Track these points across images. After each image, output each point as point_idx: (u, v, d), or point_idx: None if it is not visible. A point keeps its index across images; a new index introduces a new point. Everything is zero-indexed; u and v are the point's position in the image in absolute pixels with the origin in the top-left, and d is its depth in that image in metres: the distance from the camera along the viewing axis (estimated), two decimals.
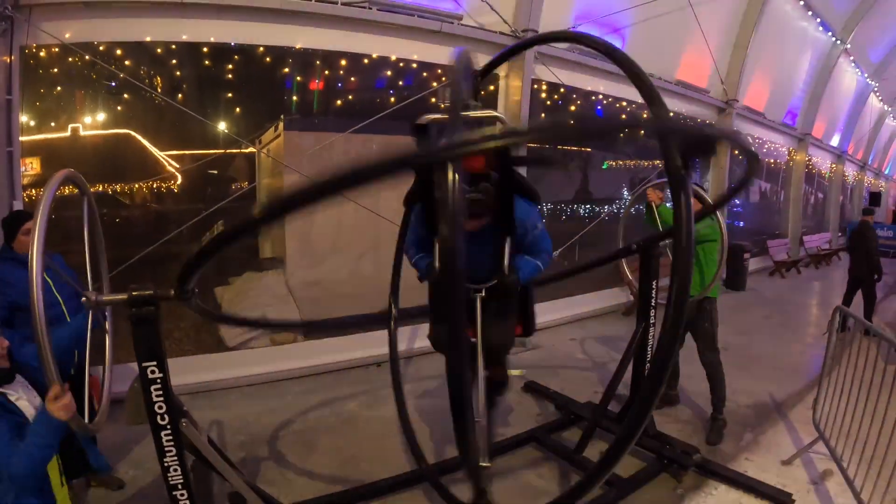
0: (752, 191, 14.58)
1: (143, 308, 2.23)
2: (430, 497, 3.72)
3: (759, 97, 12.05)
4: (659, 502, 3.65)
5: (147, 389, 2.24)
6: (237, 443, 4.45)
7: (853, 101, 17.37)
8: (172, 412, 2.28)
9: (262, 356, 5.86)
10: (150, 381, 2.24)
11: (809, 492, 3.74)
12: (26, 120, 5.06)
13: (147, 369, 2.23)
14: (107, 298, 2.30)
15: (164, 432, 2.28)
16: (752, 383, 5.65)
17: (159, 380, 2.24)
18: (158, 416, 2.26)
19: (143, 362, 2.22)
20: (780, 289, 11.33)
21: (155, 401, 2.25)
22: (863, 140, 20.26)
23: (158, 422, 2.26)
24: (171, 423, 2.28)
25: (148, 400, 2.24)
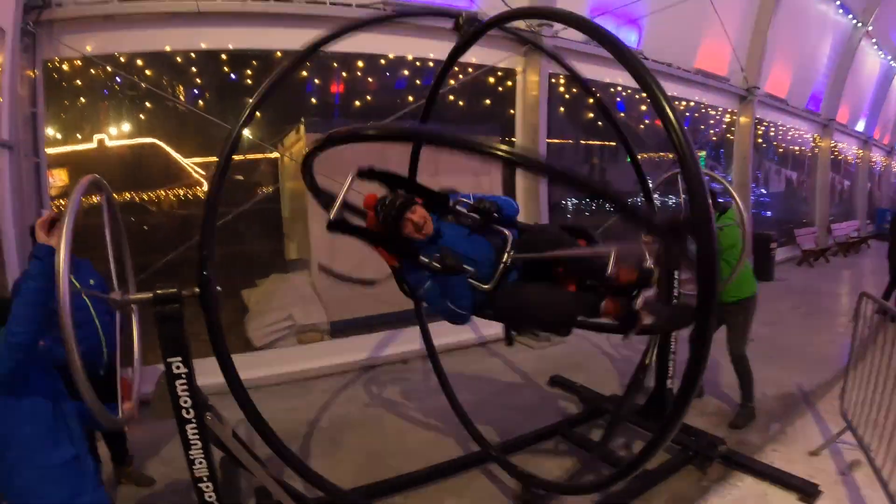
0: (778, 179, 14.29)
1: (167, 306, 2.29)
2: (453, 490, 3.77)
3: (781, 84, 11.79)
4: (684, 494, 3.61)
5: (172, 384, 2.30)
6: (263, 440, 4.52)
7: (877, 84, 16.91)
8: (197, 406, 2.34)
9: (289, 355, 5.95)
10: (175, 377, 2.30)
11: (837, 483, 3.65)
12: (53, 133, 5.21)
13: (172, 365, 2.29)
14: (133, 297, 2.37)
15: (190, 426, 2.34)
16: (780, 374, 5.54)
17: (184, 375, 2.30)
18: (184, 409, 2.32)
19: (169, 358, 2.28)
20: (808, 278, 11.07)
21: (180, 395, 2.31)
22: (889, 124, 19.70)
23: (184, 415, 2.32)
24: (197, 416, 2.34)
25: (173, 394, 2.30)
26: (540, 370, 5.96)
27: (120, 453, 3.90)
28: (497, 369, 6.17)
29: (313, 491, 3.35)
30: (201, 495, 2.42)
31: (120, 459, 3.91)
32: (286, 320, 6.10)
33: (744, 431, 4.45)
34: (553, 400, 5.25)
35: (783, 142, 13.61)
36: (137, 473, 3.96)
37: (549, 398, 5.29)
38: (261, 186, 6.44)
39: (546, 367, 5.97)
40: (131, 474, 3.93)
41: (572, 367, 5.97)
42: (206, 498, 2.43)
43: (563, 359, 6.32)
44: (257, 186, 6.45)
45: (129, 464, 3.95)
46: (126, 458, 3.93)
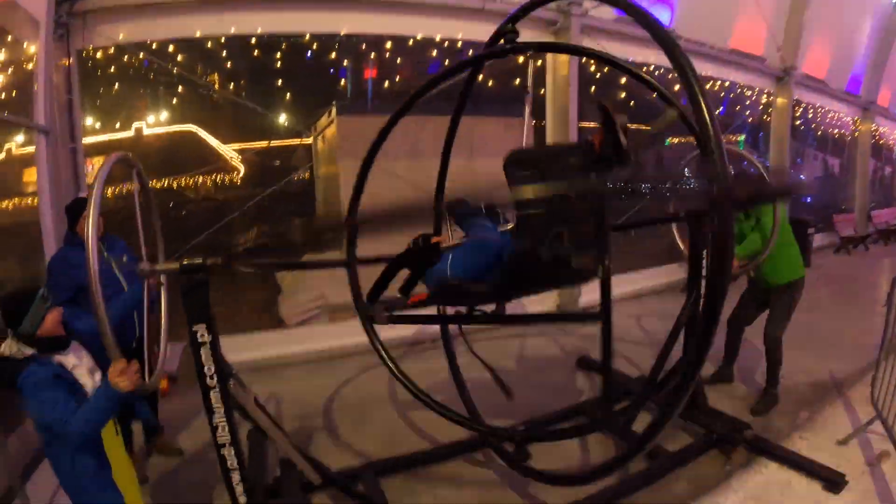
0: (816, 164, 13.81)
1: (193, 275, 2.36)
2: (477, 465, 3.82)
3: (819, 64, 11.33)
4: (706, 478, 3.56)
5: (196, 352, 2.36)
6: (292, 415, 4.65)
7: None
8: (221, 373, 2.40)
9: (320, 333, 6.08)
10: (200, 344, 2.37)
11: (864, 473, 3.53)
12: (91, 122, 5.35)
13: (197, 333, 2.36)
14: (160, 267, 2.45)
15: (213, 392, 2.41)
16: (812, 361, 5.40)
17: (208, 342, 2.37)
18: (207, 377, 2.39)
19: (194, 326, 2.35)
20: (846, 266, 10.71)
21: (204, 363, 2.37)
22: None
23: (207, 383, 2.39)
24: (220, 383, 2.40)
25: (197, 362, 2.37)
26: (568, 350, 5.93)
27: (151, 424, 4.04)
28: (522, 350, 6.15)
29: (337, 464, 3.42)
30: (224, 462, 2.49)
31: (151, 431, 4.05)
32: (318, 299, 6.21)
33: (771, 418, 4.36)
34: (579, 381, 5.22)
35: (822, 125, 13.11)
36: (167, 445, 4.10)
37: (575, 380, 5.26)
38: (297, 170, 6.56)
39: (574, 349, 5.94)
40: (161, 446, 4.07)
41: None
42: (229, 464, 2.50)
43: (591, 340, 6.27)
44: (294, 170, 6.56)
45: (159, 435, 4.10)
46: (156, 429, 4.08)
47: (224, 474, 2.53)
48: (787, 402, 4.57)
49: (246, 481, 2.55)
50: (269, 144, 6.10)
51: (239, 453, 2.52)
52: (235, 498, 2.56)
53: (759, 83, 10.05)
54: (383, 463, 3.69)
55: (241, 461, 2.54)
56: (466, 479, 3.69)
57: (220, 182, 6.20)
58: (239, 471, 2.54)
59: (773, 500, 3.31)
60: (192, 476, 3.77)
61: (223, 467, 2.52)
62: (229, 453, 2.49)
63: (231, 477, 2.53)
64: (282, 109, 6.05)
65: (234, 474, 2.52)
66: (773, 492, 3.39)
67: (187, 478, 3.77)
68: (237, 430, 2.53)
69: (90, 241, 1.93)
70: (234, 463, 2.52)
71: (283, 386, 5.14)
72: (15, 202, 5.44)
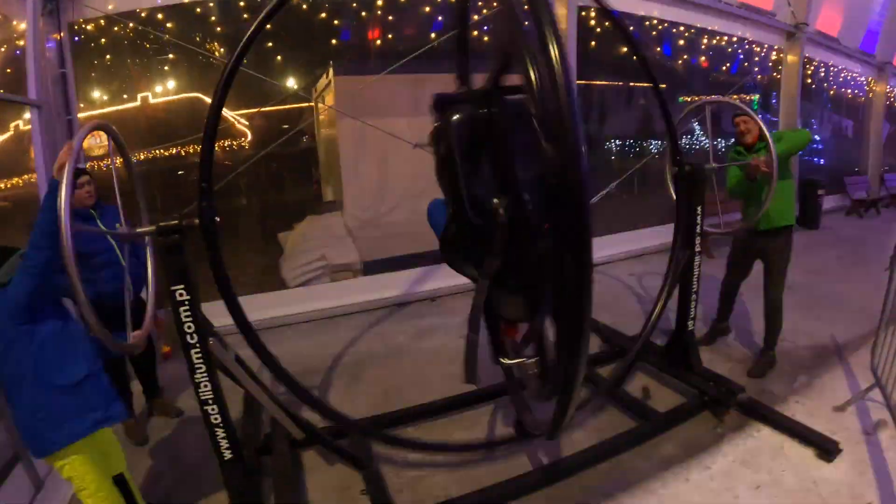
0: (829, 124, 13.42)
1: (169, 237, 2.37)
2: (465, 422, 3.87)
3: (832, 21, 10.86)
4: (696, 441, 3.55)
5: (176, 311, 2.39)
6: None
7: None
8: (201, 332, 2.43)
9: (319, 293, 6.17)
10: (179, 303, 2.39)
11: (859, 442, 3.47)
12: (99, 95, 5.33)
13: (176, 292, 2.38)
14: (137, 231, 2.46)
15: (194, 350, 2.45)
16: (815, 324, 5.32)
17: (187, 301, 2.39)
18: (188, 335, 2.43)
19: (172, 286, 2.37)
20: (856, 228, 10.47)
21: (184, 321, 2.41)
22: None
23: (188, 341, 2.43)
24: (200, 341, 2.44)
25: (177, 320, 2.41)
26: None
27: (151, 387, 4.14)
28: None
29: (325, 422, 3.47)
30: (207, 417, 2.54)
31: (151, 392, 4.15)
32: (319, 260, 6.27)
33: (768, 381, 4.31)
34: None
35: (834, 85, 12.69)
36: (167, 405, 4.19)
37: None
38: (305, 134, 6.55)
39: None
40: (162, 406, 4.17)
41: (600, 306, 5.83)
42: (213, 420, 2.56)
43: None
44: (302, 134, 6.55)
45: (159, 396, 4.19)
46: (156, 391, 4.17)
47: (209, 430, 2.60)
48: (786, 366, 4.52)
49: (231, 437, 2.60)
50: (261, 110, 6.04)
51: (223, 410, 2.57)
52: (221, 453, 2.62)
53: (769, 39, 9.67)
54: (371, 419, 3.76)
55: (225, 417, 2.59)
56: (455, 436, 3.73)
57: (227, 147, 6.18)
58: (223, 427, 2.59)
59: (762, 465, 3.29)
60: (190, 435, 3.85)
61: (207, 423, 2.58)
62: (213, 410, 2.54)
63: (215, 432, 2.59)
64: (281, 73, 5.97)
65: (217, 430, 2.59)
66: (763, 457, 3.37)
67: (186, 437, 3.86)
68: (220, 386, 2.57)
69: (62, 212, 1.92)
70: (217, 419, 2.57)
71: (280, 347, 5.17)
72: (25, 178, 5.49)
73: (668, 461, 3.35)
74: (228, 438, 2.62)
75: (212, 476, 3.26)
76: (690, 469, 3.27)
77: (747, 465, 3.30)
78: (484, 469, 3.33)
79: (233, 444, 2.64)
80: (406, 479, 3.29)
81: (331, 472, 3.35)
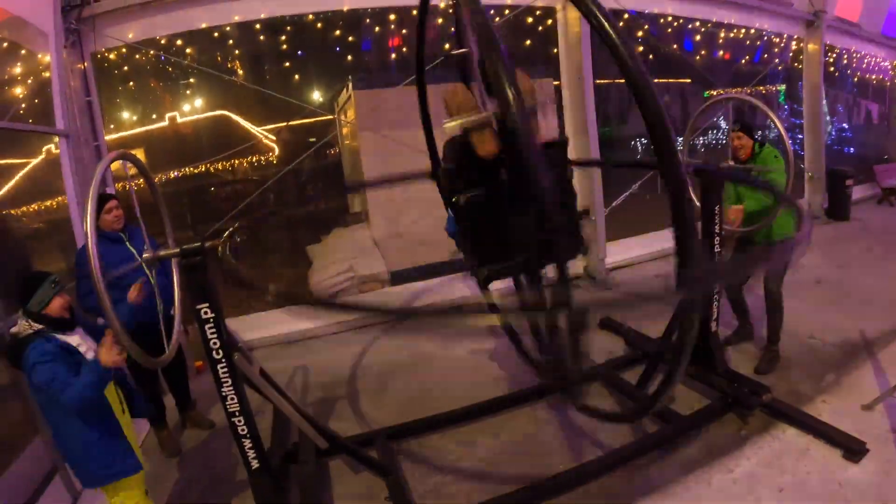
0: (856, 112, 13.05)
1: (192, 258, 2.47)
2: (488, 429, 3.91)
3: (852, 6, 10.54)
4: (720, 444, 3.52)
5: (202, 328, 2.49)
6: (318, 384, 4.88)
7: None
8: (226, 347, 2.53)
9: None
10: (204, 321, 2.49)
11: (887, 442, 3.37)
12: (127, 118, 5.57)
13: (200, 310, 2.48)
14: (162, 253, 2.58)
15: (220, 365, 2.54)
16: (843, 319, 5.17)
17: (212, 319, 2.49)
18: (214, 351, 2.52)
19: (197, 304, 2.48)
20: (887, 218, 10.09)
21: (210, 338, 2.51)
22: None
23: (214, 356, 2.53)
24: (226, 357, 2.54)
25: (203, 337, 2.50)
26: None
27: (183, 399, 4.29)
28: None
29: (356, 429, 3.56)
30: (235, 428, 2.64)
31: (183, 405, 4.30)
32: (347, 272, 6.38)
33: (795, 380, 4.23)
34: (601, 343, 5.18)
35: (858, 71, 12.35)
36: (199, 417, 4.34)
37: (598, 341, 5.22)
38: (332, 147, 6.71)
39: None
40: (194, 418, 4.32)
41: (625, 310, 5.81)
42: (240, 431, 2.65)
43: None
44: (329, 147, 6.70)
45: (192, 409, 4.34)
46: (189, 404, 4.32)
47: (236, 440, 2.69)
48: (814, 364, 4.43)
49: (257, 447, 2.70)
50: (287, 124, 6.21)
51: (249, 421, 2.66)
52: (248, 462, 2.72)
53: (789, 29, 9.46)
54: (398, 427, 3.84)
55: (251, 428, 2.68)
56: (479, 442, 3.78)
57: (255, 163, 6.38)
58: (250, 437, 2.69)
59: (787, 467, 3.24)
60: (222, 446, 3.99)
61: (235, 434, 2.67)
62: (239, 421, 2.64)
63: (243, 443, 2.69)
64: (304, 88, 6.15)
65: (245, 441, 2.68)
66: (788, 459, 3.31)
67: (217, 448, 4.00)
68: (246, 399, 2.66)
69: (90, 237, 2.07)
70: (244, 430, 2.67)
71: (311, 358, 5.34)
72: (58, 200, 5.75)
73: (690, 464, 3.33)
74: (255, 448, 2.72)
75: (242, 485, 3.41)
76: (713, 472, 3.25)
77: (771, 467, 3.26)
78: (507, 475, 3.37)
79: (259, 454, 2.73)
80: (430, 485, 3.36)
81: (356, 480, 3.44)
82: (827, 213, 9.66)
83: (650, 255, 7.85)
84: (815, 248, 7.35)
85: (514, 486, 3.13)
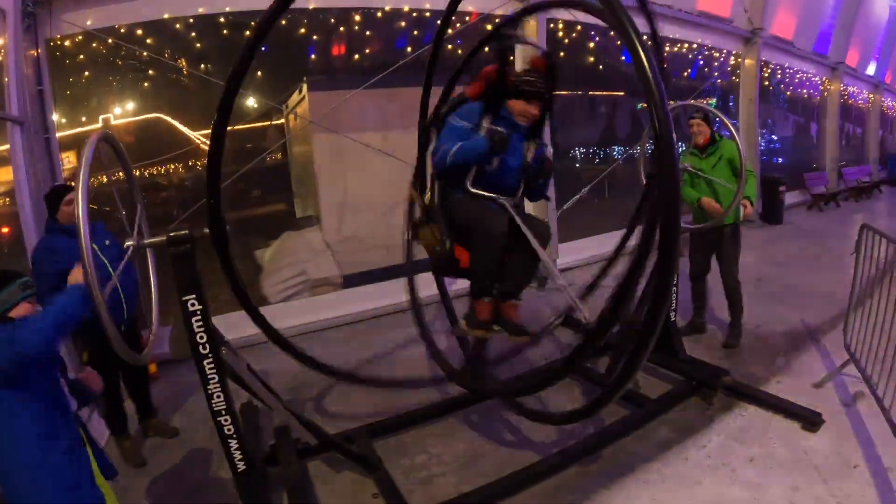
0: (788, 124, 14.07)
1: (180, 247, 2.39)
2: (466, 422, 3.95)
3: (786, 25, 11.48)
4: (689, 423, 3.71)
5: (188, 321, 2.40)
6: (282, 388, 4.64)
7: (888, 27, 16.37)
8: (213, 341, 2.45)
9: (303, 308, 6.14)
10: (191, 314, 2.41)
11: (840, 413, 3.71)
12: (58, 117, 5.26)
13: (188, 302, 2.40)
14: (148, 241, 2.47)
15: (207, 360, 2.45)
16: (787, 311, 5.59)
17: (199, 311, 2.41)
18: (200, 345, 2.44)
19: (184, 296, 2.39)
20: (817, 222, 10.99)
21: (196, 331, 2.42)
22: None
23: (200, 351, 2.44)
24: (213, 351, 2.45)
25: (189, 331, 2.41)
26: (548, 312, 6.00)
27: (144, 407, 4.08)
28: None
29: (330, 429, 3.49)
30: (221, 428, 2.55)
31: (144, 413, 4.09)
32: (300, 276, 6.26)
33: (748, 364, 4.53)
34: (562, 339, 5.32)
35: (791, 85, 13.35)
36: (162, 425, 4.13)
37: (559, 337, 5.36)
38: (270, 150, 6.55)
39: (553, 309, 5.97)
40: (156, 426, 4.11)
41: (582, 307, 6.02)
42: (226, 431, 2.56)
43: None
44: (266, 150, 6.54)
45: (153, 416, 4.13)
46: (150, 412, 4.11)
47: (222, 442, 2.59)
48: (764, 351, 4.76)
49: (244, 448, 2.61)
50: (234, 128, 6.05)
51: (235, 420, 2.57)
52: (234, 464, 2.62)
53: (728, 45, 10.18)
54: (377, 424, 3.80)
55: (237, 428, 2.59)
56: (457, 436, 3.80)
57: (192, 167, 6.14)
58: (236, 437, 2.60)
59: (754, 440, 3.47)
60: (188, 454, 3.81)
61: (220, 434, 2.57)
62: (226, 420, 2.55)
63: (229, 444, 2.59)
64: (253, 89, 5.99)
65: (231, 441, 2.58)
66: (753, 432, 3.56)
67: (185, 457, 3.80)
68: (232, 397, 2.58)
69: (82, 221, 1.89)
70: (231, 430, 2.57)
71: (270, 363, 5.16)
72: None
73: (665, 444, 3.50)
74: (242, 449, 2.62)
75: (217, 494, 3.30)
76: (688, 449, 3.43)
77: (739, 440, 3.48)
78: (491, 463, 3.41)
79: (246, 455, 2.64)
80: (416, 480, 3.34)
81: (339, 480, 3.37)
82: (762, 218, 10.34)
83: (602, 256, 8.15)
84: (754, 250, 7.87)
85: (499, 474, 3.16)
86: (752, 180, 4.51)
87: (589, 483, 3.18)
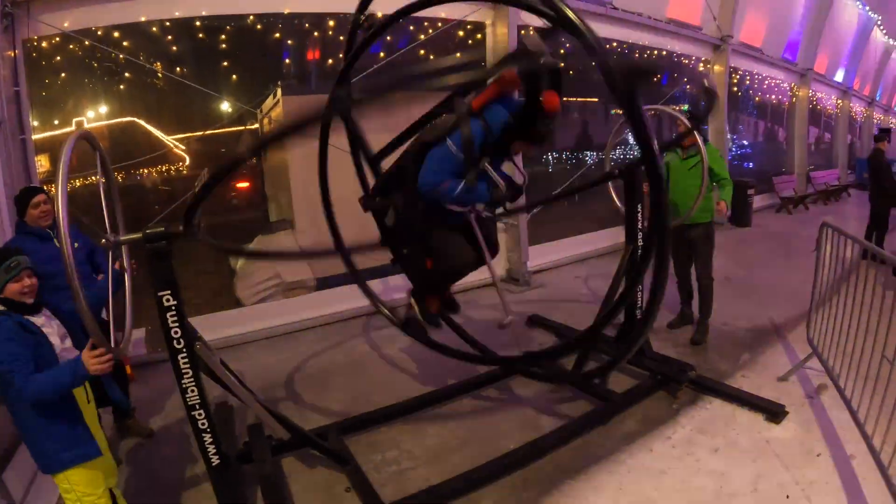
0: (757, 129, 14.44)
1: (156, 243, 2.44)
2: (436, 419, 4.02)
3: (755, 33, 11.81)
4: (655, 417, 3.84)
5: (163, 316, 2.45)
6: (256, 388, 4.62)
7: (856, 34, 16.94)
8: (187, 336, 2.50)
9: (276, 309, 6.15)
10: (166, 309, 2.45)
11: (804, 405, 3.86)
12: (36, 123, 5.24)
13: (163, 298, 2.44)
14: (124, 238, 2.52)
15: (181, 355, 2.50)
16: (752, 309, 5.78)
17: (174, 307, 2.45)
18: (175, 340, 2.48)
19: (159, 292, 2.43)
20: (786, 224, 11.30)
21: (171, 326, 2.46)
22: (869, 75, 19.81)
23: (175, 346, 2.49)
24: (187, 346, 2.50)
25: (164, 326, 2.46)
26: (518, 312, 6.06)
27: (122, 408, 4.07)
28: (474, 314, 5.94)
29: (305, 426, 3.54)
30: (195, 422, 2.59)
31: (122, 414, 4.08)
32: (273, 278, 6.28)
33: (714, 360, 4.69)
34: (532, 338, 5.43)
35: (760, 91, 13.72)
36: (139, 426, 4.13)
37: (528, 337, 5.46)
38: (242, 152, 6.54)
39: (524, 309, 6.10)
40: (133, 427, 4.11)
41: (550, 307, 6.20)
42: (200, 425, 2.60)
43: (540, 301, 6.58)
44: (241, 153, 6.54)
45: (130, 417, 4.13)
46: (128, 412, 4.11)
47: (196, 436, 2.63)
48: (730, 346, 4.92)
49: (217, 442, 2.65)
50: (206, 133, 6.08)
51: (209, 415, 2.61)
52: (208, 458, 2.66)
53: (697, 52, 10.43)
54: (348, 421, 3.86)
55: (211, 423, 2.63)
56: (428, 431, 3.88)
57: (166, 172, 6.13)
58: (210, 432, 2.64)
59: (718, 431, 3.60)
60: (164, 455, 3.82)
61: (195, 429, 2.61)
62: (200, 415, 2.59)
63: (203, 438, 2.63)
64: (228, 93, 6.01)
65: (205, 435, 2.62)
66: (718, 424, 3.69)
67: (159, 457, 3.81)
68: (206, 392, 2.62)
69: (62, 222, 1.98)
70: (205, 424, 2.61)
71: (244, 363, 5.18)
72: None
73: (631, 436, 3.62)
74: (216, 444, 2.66)
75: (192, 494, 3.33)
76: (653, 440, 3.55)
77: (704, 432, 3.61)
78: (461, 456, 3.49)
79: (220, 450, 2.68)
80: (387, 474, 3.41)
81: (312, 475, 3.43)
82: (731, 220, 10.60)
83: (570, 259, 8.39)
84: (723, 251, 8.07)
85: (468, 466, 3.25)
86: (729, 188, 4.86)
87: (557, 474, 3.27)
